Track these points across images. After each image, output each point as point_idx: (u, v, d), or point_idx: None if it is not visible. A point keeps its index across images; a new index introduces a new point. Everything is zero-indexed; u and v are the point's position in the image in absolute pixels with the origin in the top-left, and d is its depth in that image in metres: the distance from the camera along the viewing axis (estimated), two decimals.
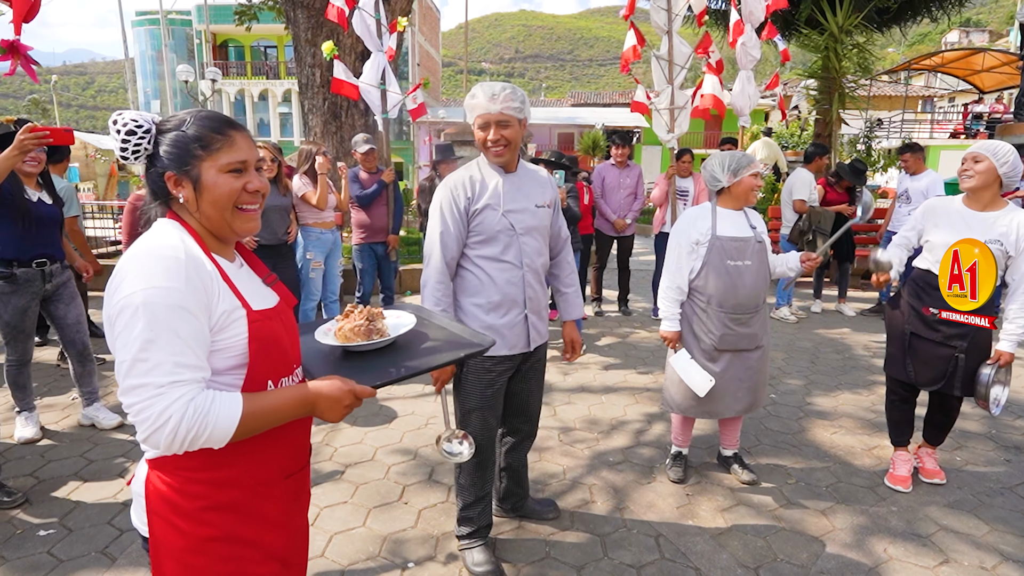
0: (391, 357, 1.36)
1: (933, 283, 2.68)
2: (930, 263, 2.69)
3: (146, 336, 0.98)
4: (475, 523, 2.30)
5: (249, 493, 1.15)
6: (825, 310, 6.45)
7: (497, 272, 2.14)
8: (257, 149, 1.20)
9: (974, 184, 2.57)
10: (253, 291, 1.19)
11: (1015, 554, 2.39)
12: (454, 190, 2.09)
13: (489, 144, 2.05)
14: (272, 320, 1.16)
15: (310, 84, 8.21)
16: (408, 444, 3.32)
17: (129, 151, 1.10)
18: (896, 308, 2.86)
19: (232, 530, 1.13)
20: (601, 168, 6.04)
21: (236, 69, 30.85)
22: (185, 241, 1.09)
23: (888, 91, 27.97)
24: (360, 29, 5.36)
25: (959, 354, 2.63)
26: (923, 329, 2.71)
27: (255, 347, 1.10)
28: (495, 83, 2.04)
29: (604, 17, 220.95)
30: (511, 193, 2.13)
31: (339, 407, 1.12)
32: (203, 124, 1.11)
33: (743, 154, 2.72)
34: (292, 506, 1.26)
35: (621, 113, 27.89)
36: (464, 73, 18.98)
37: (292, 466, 1.24)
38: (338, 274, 5.05)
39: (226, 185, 1.11)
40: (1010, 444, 3.37)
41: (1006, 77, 15.96)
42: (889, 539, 2.49)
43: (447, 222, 2.08)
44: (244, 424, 1.03)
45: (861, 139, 12.21)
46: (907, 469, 2.92)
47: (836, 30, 8.21)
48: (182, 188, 1.11)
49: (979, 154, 2.55)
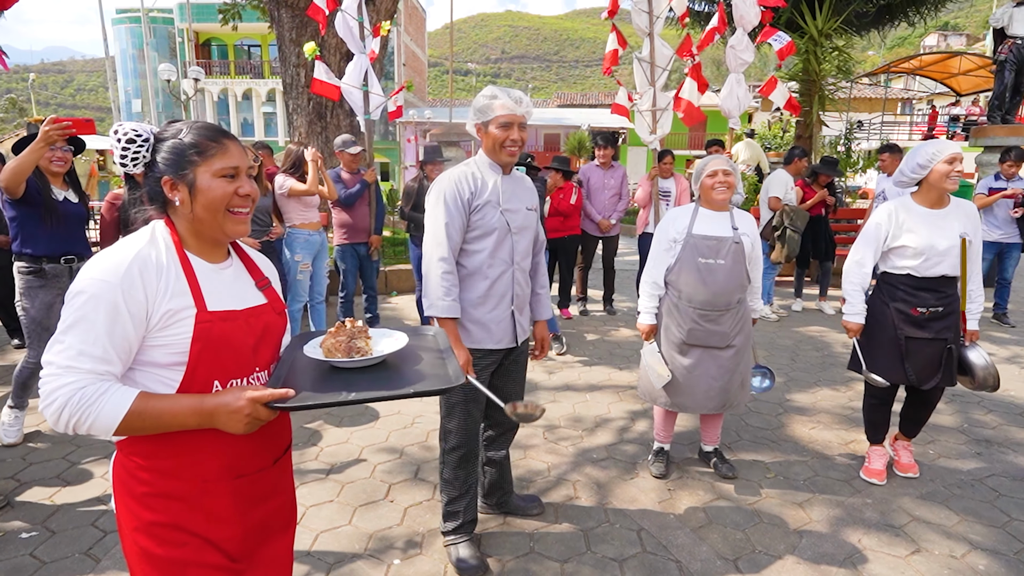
0: (364, 378, 1.29)
1: (916, 284, 2.73)
2: (913, 268, 2.72)
3: (69, 320, 1.08)
4: (460, 518, 2.33)
5: (193, 487, 1.20)
6: (805, 308, 6.56)
7: (489, 268, 2.20)
8: (248, 157, 1.28)
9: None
10: (229, 292, 1.24)
11: (983, 543, 2.48)
12: (458, 183, 2.14)
13: (508, 143, 2.13)
14: (230, 322, 1.20)
15: (295, 84, 8.18)
16: (394, 443, 3.34)
17: (129, 159, 1.19)
18: (878, 318, 2.83)
19: (177, 519, 1.19)
20: (586, 169, 6.09)
21: (219, 68, 30.57)
22: (156, 242, 1.18)
23: (868, 93, 28.42)
24: (343, 31, 5.37)
25: (950, 345, 2.74)
26: (915, 331, 2.75)
27: (198, 347, 1.15)
28: (508, 88, 2.13)
29: (590, 18, 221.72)
30: (508, 193, 2.22)
31: (238, 421, 1.11)
32: (199, 132, 1.21)
33: (700, 161, 2.85)
34: (249, 506, 1.27)
35: (607, 114, 28.02)
36: (450, 74, 18.96)
37: (244, 467, 1.25)
38: (325, 275, 5.06)
39: (219, 189, 1.20)
40: (981, 438, 3.47)
41: (982, 80, 16.31)
42: (863, 530, 2.56)
43: (452, 213, 2.12)
44: (130, 422, 1.08)
45: (841, 141, 12.44)
46: (882, 463, 3.00)
47: (816, 33, 8.34)
48: (178, 192, 1.19)
49: (958, 154, 2.62)
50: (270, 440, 1.32)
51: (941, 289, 2.72)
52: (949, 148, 2.58)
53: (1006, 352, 5.09)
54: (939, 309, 2.73)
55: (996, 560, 2.36)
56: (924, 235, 2.67)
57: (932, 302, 2.72)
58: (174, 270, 1.17)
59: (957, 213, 2.71)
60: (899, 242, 2.72)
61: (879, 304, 2.85)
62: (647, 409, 3.81)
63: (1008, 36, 7.47)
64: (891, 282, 2.81)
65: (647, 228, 5.83)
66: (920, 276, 2.72)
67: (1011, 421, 3.70)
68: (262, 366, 1.28)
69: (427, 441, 3.36)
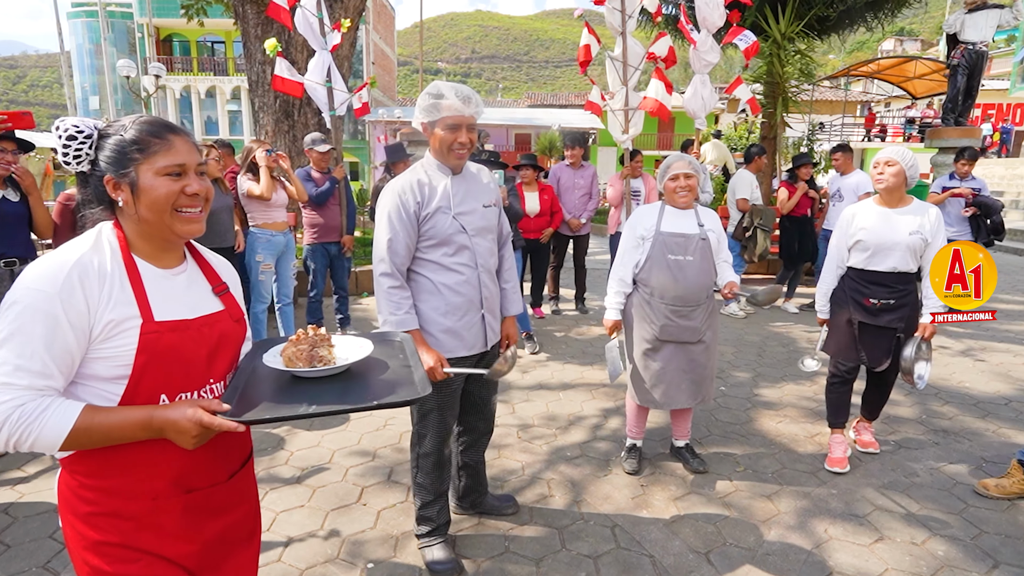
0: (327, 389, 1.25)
1: (869, 278, 2.94)
2: (863, 262, 2.94)
3: (4, 333, 1.02)
4: (434, 521, 2.32)
5: (142, 505, 1.14)
6: (772, 306, 6.69)
7: (452, 275, 2.13)
8: (199, 154, 1.20)
9: (890, 185, 2.84)
10: (181, 299, 1.18)
11: (942, 529, 2.57)
12: (402, 195, 2.05)
13: (456, 147, 2.04)
14: (180, 332, 1.14)
15: (260, 81, 8.01)
16: (366, 446, 3.30)
17: (71, 156, 1.12)
18: (839, 304, 3.07)
19: (126, 538, 1.14)
20: (556, 169, 6.12)
21: (182, 65, 29.79)
22: (100, 246, 1.11)
23: (829, 96, 29.23)
24: (303, 27, 5.29)
25: (899, 334, 2.93)
26: (868, 318, 2.96)
27: (143, 359, 1.09)
28: (457, 84, 2.04)
29: (560, 19, 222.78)
30: (460, 195, 2.13)
31: (186, 436, 1.07)
32: (141, 128, 1.13)
33: (664, 161, 2.90)
34: (204, 521, 1.22)
35: (577, 114, 28.22)
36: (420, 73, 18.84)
37: (195, 481, 1.20)
38: (291, 276, 4.97)
39: (163, 188, 1.13)
40: (938, 428, 3.60)
41: (936, 84, 16.89)
42: (829, 520, 2.63)
43: (395, 228, 2.05)
44: (76, 438, 1.03)
45: (804, 142, 12.76)
46: (843, 451, 3.11)
47: (779, 37, 8.53)
48: (120, 191, 1.13)
49: (891, 159, 2.83)
50: (225, 453, 1.27)
51: (892, 284, 2.90)
52: (879, 155, 2.87)
53: (960, 345, 5.28)
54: (890, 302, 2.91)
55: (954, 546, 2.45)
56: (875, 231, 2.88)
57: (883, 295, 2.91)
58: (118, 277, 1.10)
59: (914, 213, 2.86)
60: (855, 238, 2.94)
61: (840, 292, 3.07)
62: (620, 406, 3.84)
63: (960, 41, 7.75)
64: (850, 275, 3.03)
65: (619, 228, 5.88)
66: (870, 270, 2.92)
67: (966, 412, 3.84)
68: (217, 377, 1.22)
69: (400, 443, 3.33)
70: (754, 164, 6.28)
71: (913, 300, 2.93)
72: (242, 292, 1.40)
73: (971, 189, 6.00)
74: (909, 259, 2.85)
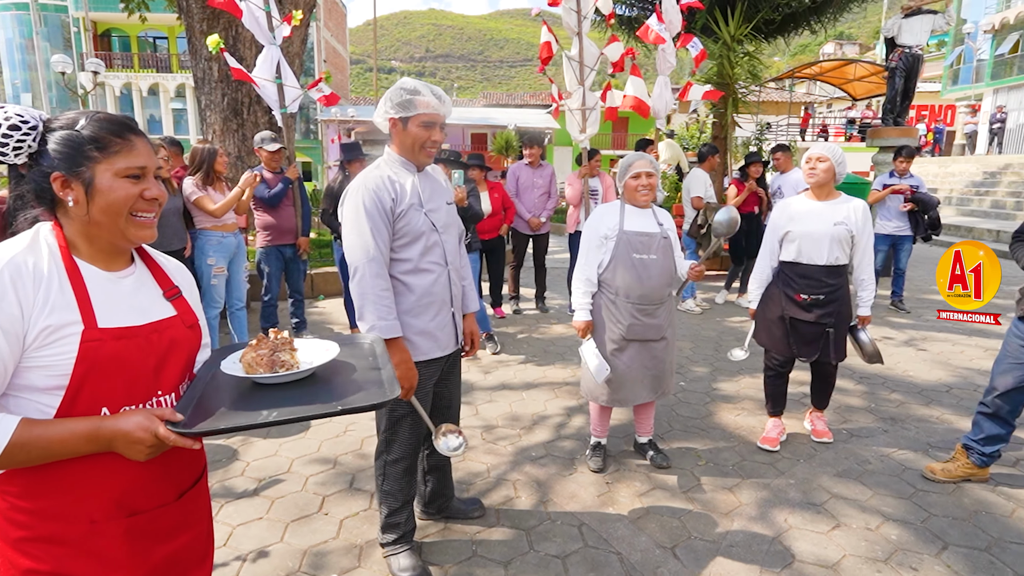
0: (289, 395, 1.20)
1: (799, 272, 3.06)
2: (794, 254, 3.06)
3: None
4: (401, 528, 2.26)
5: (79, 529, 1.05)
6: (727, 301, 6.87)
7: (424, 275, 2.09)
8: (157, 157, 1.14)
9: (821, 179, 2.98)
10: (128, 304, 1.11)
11: (894, 514, 2.66)
12: (378, 191, 1.99)
13: (430, 144, 2.02)
14: (125, 340, 1.07)
15: (207, 78, 7.73)
16: (326, 453, 3.20)
17: (10, 148, 1.03)
18: (772, 298, 3.18)
19: (62, 566, 1.05)
20: (515, 168, 6.11)
21: (121, 61, 28.50)
22: (37, 247, 1.03)
23: (775, 97, 30.24)
24: (249, 22, 5.12)
25: (829, 328, 3.04)
26: (799, 312, 3.07)
27: (83, 369, 1.01)
28: (428, 83, 2.01)
29: (514, 19, 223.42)
30: (428, 192, 2.11)
31: (138, 448, 1.00)
32: (101, 125, 1.06)
33: (625, 159, 2.91)
34: (149, 546, 1.13)
35: (533, 114, 28.35)
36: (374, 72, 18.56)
37: (139, 503, 1.11)
38: (244, 280, 4.79)
39: (122, 190, 1.06)
40: (887, 416, 3.75)
41: (874, 86, 17.70)
42: (789, 509, 2.69)
43: (377, 223, 1.97)
44: (11, 454, 0.95)
45: (752, 141, 13.17)
46: (776, 432, 3.29)
47: (729, 39, 8.75)
48: (71, 191, 1.05)
49: (822, 155, 2.97)
50: (173, 471, 1.18)
51: (822, 278, 3.00)
52: (811, 152, 3.00)
53: (904, 336, 5.53)
54: (820, 297, 3.02)
55: (906, 529, 2.55)
56: (803, 223, 2.99)
57: (814, 290, 3.02)
58: (57, 279, 1.02)
59: (840, 206, 2.99)
60: (784, 229, 3.06)
61: (773, 288, 3.18)
62: (583, 405, 3.85)
63: (898, 45, 8.12)
64: (783, 270, 3.14)
65: (579, 226, 5.92)
66: (802, 264, 3.03)
67: (912, 399, 4.01)
68: (167, 388, 1.14)
69: (361, 449, 3.25)
70: (707, 163, 6.42)
71: (843, 295, 3.05)
72: (198, 296, 1.33)
73: (910, 186, 6.29)
74: (837, 251, 2.97)
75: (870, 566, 2.31)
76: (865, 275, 3.07)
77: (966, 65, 26.65)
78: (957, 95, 27.42)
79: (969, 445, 2.87)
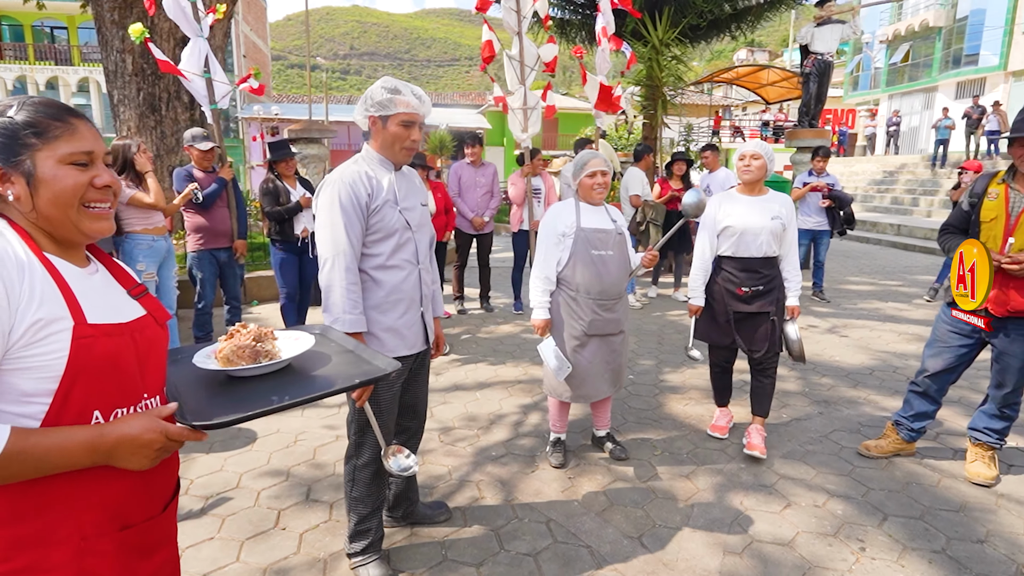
0: (279, 383, 1.21)
1: (740, 266, 3.14)
2: (732, 247, 3.14)
3: None
4: (370, 536, 2.19)
5: (67, 549, 0.95)
6: (660, 295, 7.11)
7: (394, 272, 2.07)
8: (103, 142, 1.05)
9: (756, 176, 3.11)
10: (104, 302, 1.02)
11: (837, 490, 2.84)
12: (353, 185, 1.96)
13: (409, 143, 2.02)
14: (115, 337, 0.99)
15: (120, 72, 7.21)
16: (277, 465, 3.06)
17: None
18: (713, 296, 3.23)
19: None
20: (457, 167, 6.07)
21: (13, 52, 26.11)
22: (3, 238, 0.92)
23: (696, 100, 31.62)
24: (173, 12, 4.82)
25: (773, 317, 3.15)
26: (741, 306, 3.15)
27: (75, 369, 0.93)
28: (408, 83, 2.01)
29: (440, 18, 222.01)
30: (403, 190, 2.10)
31: (146, 453, 0.94)
32: (37, 110, 0.96)
33: (580, 157, 2.93)
34: (136, 563, 1.06)
35: (464, 113, 28.25)
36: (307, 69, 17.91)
37: (133, 516, 1.04)
38: (174, 286, 4.51)
39: (69, 179, 0.97)
40: (820, 399, 3.99)
41: (785, 91, 18.89)
42: (743, 492, 2.81)
43: (351, 216, 1.95)
44: (5, 467, 0.85)
45: (679, 142, 13.71)
46: (724, 421, 3.41)
47: (657, 43, 9.06)
48: (11, 184, 0.95)
49: (756, 152, 3.10)
50: (158, 480, 1.10)
51: (760, 270, 3.13)
52: (740, 149, 3.14)
53: (827, 324, 5.91)
54: (759, 288, 3.13)
55: (849, 504, 2.72)
56: (743, 218, 3.10)
57: (753, 281, 3.13)
58: (39, 269, 0.92)
59: (772, 201, 3.13)
60: (723, 224, 3.14)
61: (714, 284, 3.24)
62: (539, 401, 3.87)
63: (811, 52, 8.67)
64: (722, 265, 3.20)
65: (522, 226, 5.95)
66: (740, 256, 3.12)
67: (840, 382, 4.29)
68: (152, 390, 1.06)
69: (315, 459, 3.12)
70: (643, 162, 6.62)
71: (779, 284, 3.19)
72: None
73: (827, 184, 6.74)
74: (773, 243, 3.11)
75: (822, 541, 2.45)
76: (792, 266, 3.20)
77: (864, 72, 28.88)
78: (857, 100, 29.66)
79: (899, 421, 3.10)
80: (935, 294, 6.80)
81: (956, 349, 2.89)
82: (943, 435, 3.42)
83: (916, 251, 11.23)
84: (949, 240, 2.88)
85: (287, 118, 22.37)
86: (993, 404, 2.89)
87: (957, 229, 2.91)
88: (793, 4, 9.76)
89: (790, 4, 9.71)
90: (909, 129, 24.67)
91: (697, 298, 3.25)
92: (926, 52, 24.48)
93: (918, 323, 5.89)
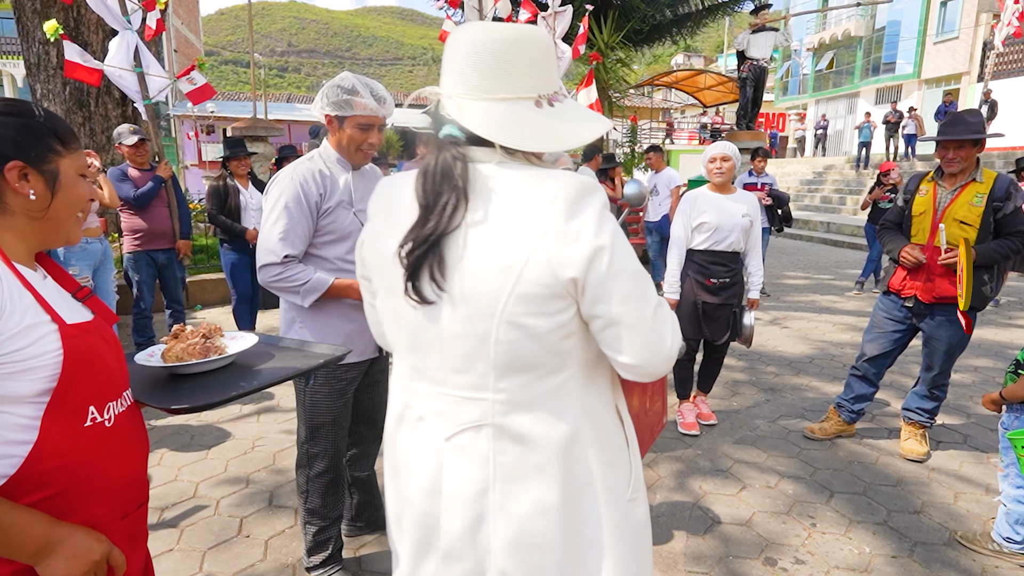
0: (231, 377, 1.24)
1: (712, 259, 3.30)
2: (706, 242, 3.29)
3: None
4: (329, 547, 2.13)
5: None
6: None
7: (343, 275, 1.98)
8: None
9: (727, 178, 3.27)
10: (64, 304, 1.01)
11: (787, 472, 3.00)
12: (304, 184, 1.87)
13: (367, 147, 1.94)
14: (90, 335, 1.00)
15: (43, 65, 6.78)
16: (236, 472, 2.96)
17: None
18: (684, 290, 3.38)
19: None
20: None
21: None
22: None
23: (637, 103, 32.48)
24: (96, 5, 4.55)
25: (735, 308, 3.33)
26: (709, 297, 3.31)
27: (71, 366, 0.93)
28: (370, 80, 1.91)
29: (381, 16, 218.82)
30: (360, 191, 2.01)
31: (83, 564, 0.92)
32: (57, 120, 1.02)
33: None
34: (129, 554, 1.07)
35: (409, 112, 27.95)
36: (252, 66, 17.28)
37: (128, 503, 1.07)
38: (112, 289, 4.28)
39: (83, 188, 1.04)
40: (767, 386, 4.19)
41: (720, 95, 19.69)
42: (702, 478, 2.93)
43: (294, 216, 1.86)
44: None
45: (624, 143, 14.05)
46: (692, 416, 3.53)
47: (603, 46, 9.27)
48: (30, 184, 0.94)
49: (726, 154, 3.25)
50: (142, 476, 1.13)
51: (728, 263, 3.30)
52: (709, 151, 3.29)
53: (769, 316, 6.20)
54: (726, 280, 3.30)
55: (799, 483, 2.88)
56: (717, 215, 3.25)
57: (722, 274, 3.29)
58: (14, 278, 0.91)
59: (742, 200, 3.31)
60: (698, 220, 3.28)
61: (685, 277, 3.39)
62: None
63: (747, 58, 9.07)
64: (693, 258, 3.35)
65: None
66: (712, 250, 3.28)
67: (784, 371, 4.52)
68: (125, 386, 1.09)
69: (275, 464, 3.04)
70: (594, 161, 6.77)
71: (741, 277, 3.38)
72: None
73: (765, 184, 7.07)
74: (741, 239, 3.28)
75: (777, 519, 2.59)
76: (756, 261, 3.38)
77: (794, 78, 30.37)
78: (787, 104, 31.18)
79: (841, 403, 3.31)
80: (861, 287, 7.25)
81: (891, 335, 3.11)
82: (879, 416, 3.66)
83: (844, 247, 11.91)
84: (888, 237, 3.11)
85: (223, 116, 21.52)
86: (924, 386, 3.13)
87: (894, 224, 3.13)
88: (729, 11, 10.19)
89: (726, 11, 10.13)
90: (835, 132, 26.13)
91: (673, 293, 3.38)
92: (848, 60, 26.03)
93: (851, 314, 6.26)
